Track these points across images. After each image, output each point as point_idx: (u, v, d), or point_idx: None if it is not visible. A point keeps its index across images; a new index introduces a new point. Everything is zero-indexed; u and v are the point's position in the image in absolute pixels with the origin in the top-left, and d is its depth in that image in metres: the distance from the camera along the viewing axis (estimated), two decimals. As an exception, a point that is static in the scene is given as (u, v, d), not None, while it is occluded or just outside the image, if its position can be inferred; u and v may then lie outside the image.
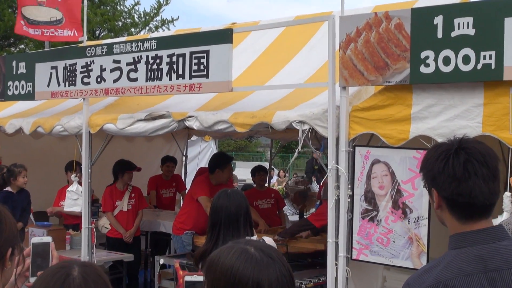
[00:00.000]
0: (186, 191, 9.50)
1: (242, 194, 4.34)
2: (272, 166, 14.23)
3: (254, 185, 9.92)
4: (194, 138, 11.86)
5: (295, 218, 10.83)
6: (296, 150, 5.42)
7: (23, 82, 7.67)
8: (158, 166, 10.32)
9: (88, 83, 6.92)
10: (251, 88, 6.33)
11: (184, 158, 11.54)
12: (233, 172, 23.90)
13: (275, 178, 24.43)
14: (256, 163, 13.38)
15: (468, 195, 2.14)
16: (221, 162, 7.90)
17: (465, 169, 2.14)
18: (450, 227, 2.23)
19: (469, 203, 2.15)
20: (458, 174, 2.14)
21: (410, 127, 4.75)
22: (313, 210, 10.95)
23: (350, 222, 5.14)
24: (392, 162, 4.94)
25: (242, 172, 26.51)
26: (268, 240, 4.19)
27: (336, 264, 5.14)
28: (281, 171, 27.02)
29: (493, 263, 2.10)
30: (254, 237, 4.22)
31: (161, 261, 7.25)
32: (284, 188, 11.95)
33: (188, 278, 3.42)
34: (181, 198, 10.23)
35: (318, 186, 11.23)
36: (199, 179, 8.06)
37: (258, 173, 9.29)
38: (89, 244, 7.24)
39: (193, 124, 6.19)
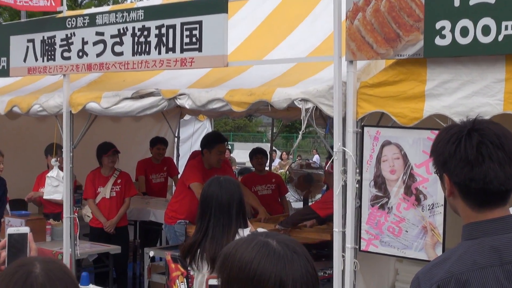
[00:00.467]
0: (179, 175, 9.54)
1: (236, 182, 4.39)
2: (274, 148, 14.25)
3: (253, 169, 9.96)
4: (187, 117, 11.88)
5: (299, 205, 10.88)
6: (300, 132, 5.44)
7: (-4, 57, 7.68)
8: (147, 149, 10.35)
9: (69, 58, 6.93)
10: (249, 63, 6.35)
11: (176, 139, 11.56)
12: (231, 155, 24.01)
13: (277, 161, 24.50)
14: (257, 144, 13.41)
15: (482, 180, 2.17)
16: (207, 142, 7.91)
17: (479, 152, 2.17)
18: (463, 216, 2.26)
19: (483, 189, 2.18)
20: (470, 157, 2.17)
21: (424, 105, 4.77)
22: (319, 196, 11.00)
23: (358, 210, 5.18)
24: (404, 143, 4.97)
25: (241, 154, 26.57)
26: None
27: (343, 256, 5.19)
28: (284, 153, 27.06)
29: (510, 255, 2.13)
30: (248, 229, 4.27)
31: (151, 254, 7.32)
32: (287, 172, 11.99)
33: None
34: (173, 184, 10.28)
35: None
36: (191, 163, 8.09)
37: (256, 156, 9.33)
38: (71, 235, 7.29)
39: (185, 102, 6.21)
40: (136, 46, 6.30)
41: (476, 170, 2.17)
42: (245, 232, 4.24)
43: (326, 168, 6.72)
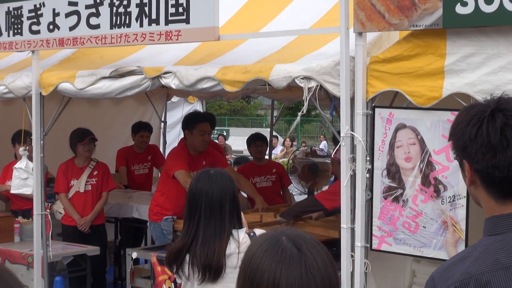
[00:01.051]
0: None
1: (228, 175, 4.35)
2: (274, 133, 14.25)
3: (251, 158, 9.96)
4: (175, 99, 11.87)
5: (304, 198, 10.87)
6: (299, 114, 5.44)
7: (-45, 32, 7.66)
8: (129, 136, 10.34)
9: (38, 32, 6.91)
10: (243, 36, 6.34)
11: (162, 124, 11.56)
12: (227, 142, 23.99)
13: (279, 148, 24.53)
14: (255, 130, 13.40)
15: (507, 167, 2.17)
16: (187, 122, 7.90)
17: (503, 136, 2.17)
18: (486, 208, 2.26)
19: (508, 178, 2.18)
20: (494, 142, 2.17)
21: (444, 83, 4.76)
22: (326, 188, 11.00)
23: (369, 203, 5.18)
24: (421, 127, 4.97)
25: (238, 141, 26.60)
26: (260, 233, 4.20)
27: (352, 256, 5.20)
28: (287, 139, 27.10)
29: None
30: (243, 230, 4.23)
31: (134, 255, 7.32)
32: (290, 161, 11.99)
33: None
34: (160, 175, 10.28)
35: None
36: (174, 150, 8.09)
37: (254, 143, 9.33)
38: (43, 235, 7.30)
39: (171, 82, 6.20)
40: (114, 18, 6.28)
41: (500, 156, 2.17)
42: (240, 234, 4.22)
43: (333, 156, 6.71)
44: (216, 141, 17.08)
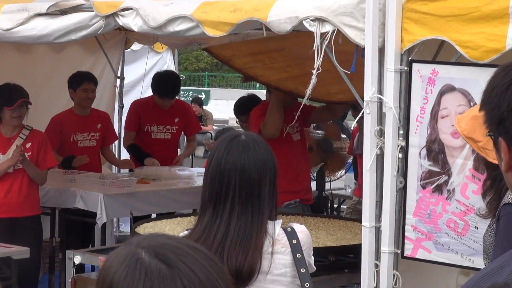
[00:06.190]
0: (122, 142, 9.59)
1: (266, 144, 4.06)
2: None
3: (240, 130, 9.94)
4: (136, 47, 11.84)
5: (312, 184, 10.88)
6: (314, 72, 5.40)
7: None
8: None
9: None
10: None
11: (118, 82, 11.51)
12: (206, 108, 24.04)
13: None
14: (244, 92, 13.37)
15: None
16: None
17: None
18: None
19: None
20: None
21: (508, 30, 4.76)
22: (341, 172, 11.02)
23: (402, 193, 5.19)
24: (476, 90, 4.97)
25: (222, 107, 26.66)
26: (301, 229, 4.05)
27: (376, 266, 5.21)
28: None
29: None
30: (279, 223, 3.99)
31: (77, 259, 7.32)
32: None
33: None
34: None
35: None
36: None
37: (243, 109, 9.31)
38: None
39: (131, 22, 6.20)
40: None
41: None
42: (276, 227, 3.99)
43: (353, 128, 6.71)
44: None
